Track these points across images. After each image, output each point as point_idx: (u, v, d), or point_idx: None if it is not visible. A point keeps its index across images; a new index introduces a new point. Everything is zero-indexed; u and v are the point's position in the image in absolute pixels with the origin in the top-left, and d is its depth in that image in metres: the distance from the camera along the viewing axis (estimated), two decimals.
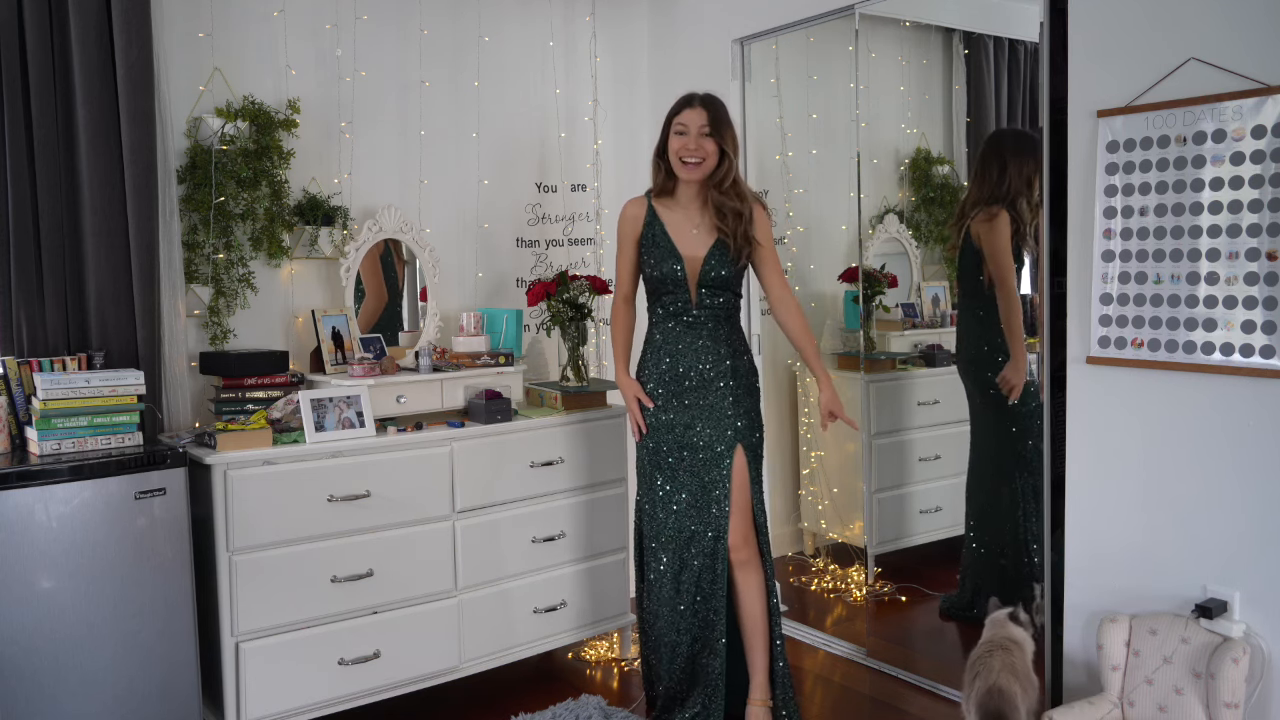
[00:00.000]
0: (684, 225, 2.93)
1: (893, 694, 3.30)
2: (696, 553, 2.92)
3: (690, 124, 2.85)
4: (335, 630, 2.94)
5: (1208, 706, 2.36)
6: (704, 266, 2.89)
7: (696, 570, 2.93)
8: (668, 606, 2.97)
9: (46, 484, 2.53)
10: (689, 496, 2.92)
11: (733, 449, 2.90)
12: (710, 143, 2.85)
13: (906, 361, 3.79)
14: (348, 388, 3.03)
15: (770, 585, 2.98)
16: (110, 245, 2.89)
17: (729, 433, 2.90)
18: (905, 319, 3.85)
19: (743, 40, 3.88)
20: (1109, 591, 2.70)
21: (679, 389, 2.93)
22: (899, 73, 3.74)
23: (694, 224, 2.93)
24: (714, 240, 2.90)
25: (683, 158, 2.86)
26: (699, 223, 2.93)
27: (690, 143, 2.85)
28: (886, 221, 3.82)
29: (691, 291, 2.91)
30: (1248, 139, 2.37)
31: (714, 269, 2.89)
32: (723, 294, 2.93)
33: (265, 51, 3.31)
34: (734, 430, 2.91)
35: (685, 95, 2.93)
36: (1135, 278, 2.59)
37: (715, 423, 2.90)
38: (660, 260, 2.92)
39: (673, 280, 2.91)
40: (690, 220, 2.93)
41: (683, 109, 2.89)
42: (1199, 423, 2.51)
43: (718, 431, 2.90)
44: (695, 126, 2.85)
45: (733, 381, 2.92)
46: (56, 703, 2.53)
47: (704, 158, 2.86)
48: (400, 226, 3.47)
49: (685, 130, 2.86)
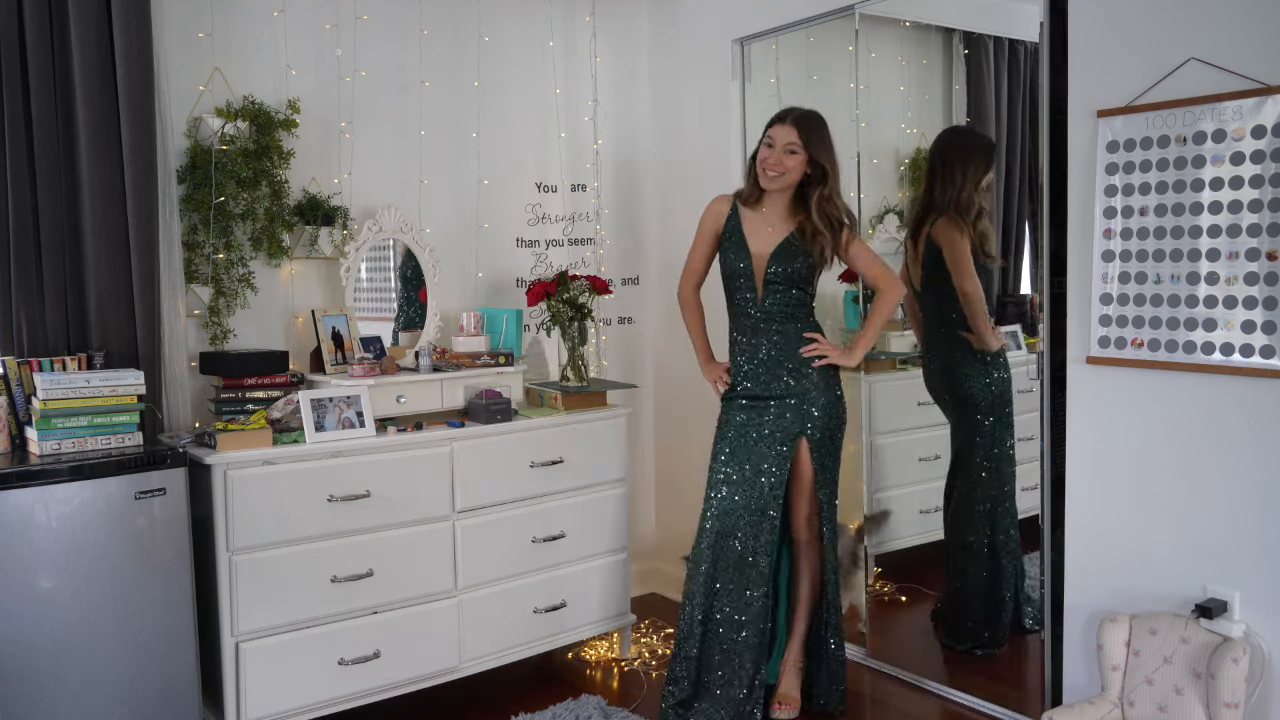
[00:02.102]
0: (761, 225, 3.05)
1: (893, 694, 3.31)
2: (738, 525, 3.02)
3: (777, 139, 2.97)
4: (335, 630, 2.93)
5: (1208, 706, 2.36)
6: (770, 261, 2.99)
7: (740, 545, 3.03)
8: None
9: (46, 484, 2.53)
10: (739, 476, 3.04)
11: (794, 442, 3.03)
12: (793, 159, 2.96)
13: (906, 361, 3.79)
14: (348, 388, 3.03)
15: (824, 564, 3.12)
16: (110, 245, 2.89)
17: (793, 428, 3.02)
18: (905, 319, 3.85)
19: (743, 40, 3.88)
20: (1109, 591, 2.70)
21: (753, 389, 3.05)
22: (899, 73, 3.74)
23: (770, 224, 3.04)
24: (784, 237, 3.00)
25: (764, 169, 2.98)
26: (776, 225, 3.04)
27: (773, 156, 2.96)
28: (886, 221, 3.82)
29: (758, 288, 3.02)
30: (1248, 139, 2.37)
31: (778, 263, 2.99)
32: (787, 290, 3.01)
33: (265, 51, 3.31)
34: (798, 427, 3.03)
35: (783, 109, 3.04)
36: (1135, 278, 2.59)
37: (778, 421, 3.02)
38: (732, 253, 3.05)
39: (740, 274, 3.03)
40: (767, 221, 3.05)
41: (775, 123, 3.00)
42: (1199, 423, 2.51)
43: (780, 429, 3.02)
44: (781, 142, 2.96)
45: (794, 381, 3.02)
46: (56, 703, 2.53)
47: (784, 172, 2.97)
48: (400, 226, 3.47)
49: (772, 144, 2.98)
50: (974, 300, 3.31)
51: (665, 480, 4.33)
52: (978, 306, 3.31)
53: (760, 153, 3.01)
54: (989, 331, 3.33)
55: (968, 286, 3.31)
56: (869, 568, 3.75)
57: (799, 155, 2.96)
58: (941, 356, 3.47)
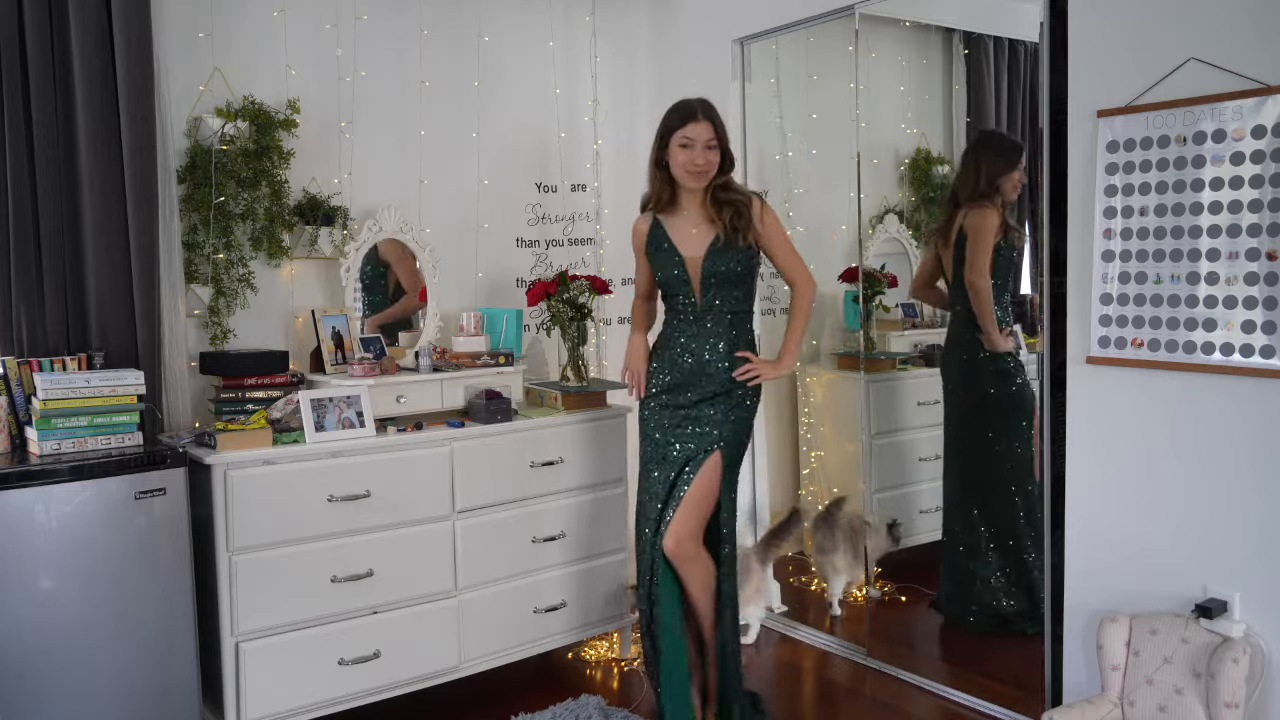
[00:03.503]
0: (685, 228, 2.98)
1: (893, 694, 3.31)
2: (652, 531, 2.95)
3: (697, 138, 2.88)
4: (335, 630, 2.93)
5: (1208, 706, 2.35)
6: (705, 263, 2.92)
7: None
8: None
9: (46, 484, 2.53)
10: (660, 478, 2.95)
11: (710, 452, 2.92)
12: (714, 154, 2.91)
13: (906, 361, 3.79)
14: (348, 388, 3.03)
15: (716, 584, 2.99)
16: (110, 245, 2.89)
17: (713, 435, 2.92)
18: (905, 319, 3.86)
19: (743, 40, 3.88)
20: (1109, 591, 2.70)
21: (677, 392, 2.95)
22: (899, 73, 3.74)
23: (694, 225, 2.97)
24: (712, 237, 2.93)
25: (688, 171, 2.90)
26: (699, 223, 2.97)
27: (699, 156, 2.89)
28: (886, 221, 3.83)
29: (696, 291, 2.95)
30: (1248, 139, 2.37)
31: (713, 265, 2.91)
32: (726, 293, 2.94)
33: (265, 51, 3.31)
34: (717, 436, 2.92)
35: (682, 106, 2.93)
36: (1135, 278, 2.59)
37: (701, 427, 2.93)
38: (665, 263, 2.98)
39: (677, 281, 2.96)
40: (690, 222, 2.98)
41: (686, 122, 2.90)
42: (1199, 422, 2.51)
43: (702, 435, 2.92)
44: (702, 140, 2.88)
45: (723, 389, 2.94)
46: (56, 703, 2.53)
47: (709, 169, 2.91)
48: (400, 226, 3.47)
49: (691, 144, 2.88)
50: (982, 295, 3.32)
51: None
52: (985, 302, 3.32)
53: (678, 155, 2.89)
54: (995, 331, 3.33)
55: (978, 280, 3.31)
56: (869, 568, 3.75)
57: (716, 149, 2.91)
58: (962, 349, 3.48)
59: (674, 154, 2.91)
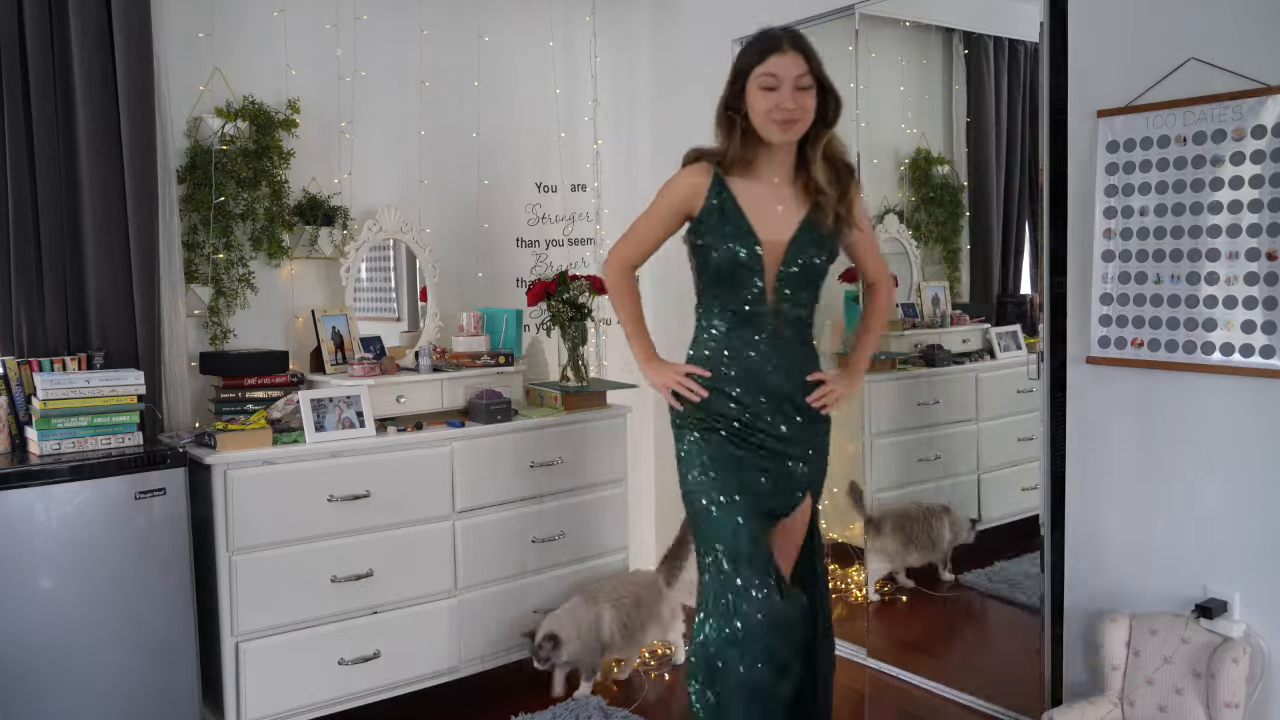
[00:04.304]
0: (766, 201, 2.27)
1: (893, 694, 3.30)
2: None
3: (784, 74, 2.19)
4: (335, 630, 2.93)
5: (1208, 706, 2.35)
6: (789, 250, 2.26)
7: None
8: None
9: (46, 484, 2.53)
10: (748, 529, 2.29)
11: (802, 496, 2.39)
12: (809, 98, 2.21)
13: (906, 361, 3.79)
14: (348, 388, 3.03)
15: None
16: (110, 245, 2.89)
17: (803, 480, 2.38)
18: (905, 319, 3.85)
19: (743, 40, 3.87)
20: (1109, 591, 2.70)
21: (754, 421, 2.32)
22: (899, 73, 3.74)
23: (778, 198, 2.28)
24: (802, 216, 2.27)
25: (773, 120, 2.21)
26: (784, 196, 2.28)
27: (787, 99, 2.19)
28: (886, 221, 3.82)
29: (769, 287, 2.28)
30: (1248, 139, 2.37)
31: (799, 253, 2.26)
32: (805, 292, 2.33)
33: (265, 51, 3.31)
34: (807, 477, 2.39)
35: (763, 35, 2.27)
36: (1135, 278, 2.59)
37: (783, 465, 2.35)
38: (730, 242, 2.25)
39: (742, 270, 2.26)
40: (773, 193, 2.28)
41: (768, 55, 2.21)
42: (1199, 423, 2.51)
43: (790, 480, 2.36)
44: (791, 77, 2.19)
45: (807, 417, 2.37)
46: (56, 703, 2.53)
47: (803, 118, 2.21)
48: (400, 226, 3.47)
49: (777, 83, 2.19)
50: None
51: (665, 480, 4.33)
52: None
53: (759, 100, 2.20)
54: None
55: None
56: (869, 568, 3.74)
57: (812, 90, 2.21)
58: None
59: (753, 99, 2.22)
